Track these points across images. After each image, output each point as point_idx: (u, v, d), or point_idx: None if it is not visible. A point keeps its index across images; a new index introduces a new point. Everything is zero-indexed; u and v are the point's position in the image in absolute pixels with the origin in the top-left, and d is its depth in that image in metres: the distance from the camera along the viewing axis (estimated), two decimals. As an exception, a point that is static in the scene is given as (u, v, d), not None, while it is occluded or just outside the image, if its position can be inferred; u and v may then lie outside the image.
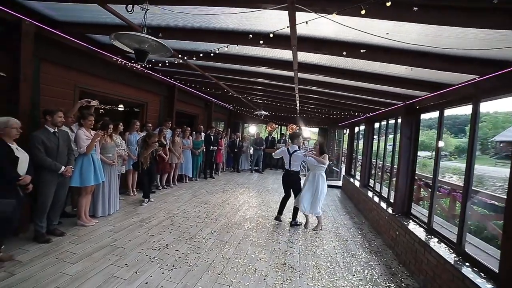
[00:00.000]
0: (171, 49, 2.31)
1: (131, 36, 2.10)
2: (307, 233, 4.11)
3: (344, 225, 4.70)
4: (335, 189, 7.93)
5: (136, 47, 2.19)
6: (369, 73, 3.40)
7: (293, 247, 3.54)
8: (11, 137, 2.58)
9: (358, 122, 6.91)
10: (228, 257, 3.10)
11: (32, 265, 2.59)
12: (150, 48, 2.25)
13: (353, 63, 3.11)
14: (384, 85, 3.58)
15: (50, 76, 3.54)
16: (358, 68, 3.32)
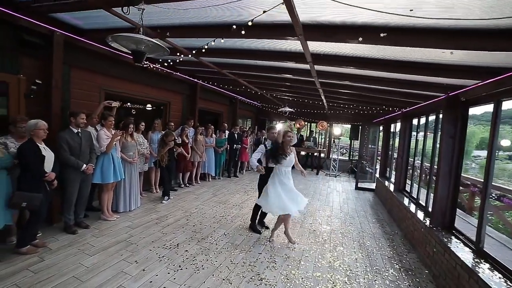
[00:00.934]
0: (167, 49, 2.32)
1: (128, 37, 2.15)
2: (326, 241, 3.82)
3: (372, 234, 4.26)
4: (368, 193, 7.29)
5: (133, 48, 2.23)
6: (402, 61, 2.96)
7: (308, 256, 3.32)
8: (39, 138, 2.90)
9: (394, 118, 6.19)
10: (237, 262, 3.04)
11: (58, 253, 2.91)
12: (147, 48, 2.28)
13: (382, 51, 2.72)
14: (421, 74, 3.08)
15: (78, 81, 3.92)
16: (389, 57, 2.90)
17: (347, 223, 4.66)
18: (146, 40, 2.17)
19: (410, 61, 2.90)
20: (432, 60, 2.72)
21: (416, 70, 3.04)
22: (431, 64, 2.88)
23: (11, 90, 3.16)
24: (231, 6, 2.15)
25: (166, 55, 2.41)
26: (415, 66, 2.98)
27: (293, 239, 3.65)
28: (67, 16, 3.30)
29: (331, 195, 6.62)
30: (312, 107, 8.15)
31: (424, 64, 2.89)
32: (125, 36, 2.14)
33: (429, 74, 3.03)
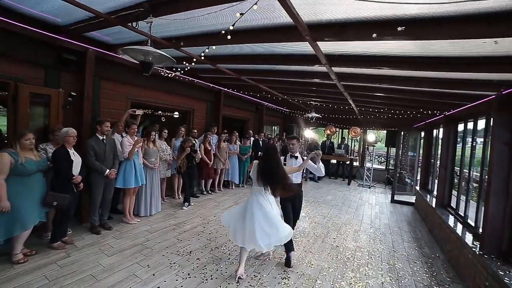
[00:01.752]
0: (173, 59, 2.45)
1: (136, 49, 2.31)
2: (349, 259, 3.51)
3: (406, 255, 3.79)
4: (406, 207, 6.57)
5: (141, 59, 2.39)
6: (434, 57, 2.64)
7: (326, 275, 3.08)
8: (69, 144, 3.26)
9: (437, 122, 5.52)
10: (247, 274, 2.97)
11: (82, 251, 3.20)
12: (154, 59, 2.42)
13: (412, 47, 2.47)
14: (463, 71, 2.70)
15: (107, 91, 4.36)
16: (418, 53, 2.61)
17: (376, 240, 4.23)
18: (153, 51, 2.32)
19: (445, 56, 2.56)
20: (473, 53, 2.36)
21: (455, 67, 2.67)
22: (474, 58, 2.50)
23: (53, 102, 3.64)
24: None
25: (173, 64, 2.52)
26: (453, 63, 2.62)
27: (240, 273, 2.85)
28: (97, 34, 3.70)
29: (362, 208, 6.13)
30: (342, 112, 7.75)
31: (464, 59, 2.52)
32: (134, 48, 2.30)
33: (471, 70, 2.64)
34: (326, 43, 2.53)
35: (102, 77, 4.24)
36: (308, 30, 2.18)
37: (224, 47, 3.41)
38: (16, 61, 3.37)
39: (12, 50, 3.29)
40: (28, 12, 3.09)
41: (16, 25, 3.07)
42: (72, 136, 3.26)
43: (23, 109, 3.35)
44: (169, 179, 5.36)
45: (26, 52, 3.41)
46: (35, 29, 3.27)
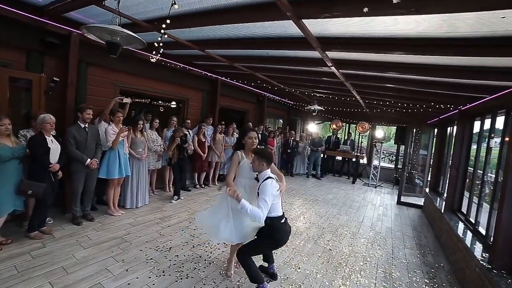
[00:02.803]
0: (144, 41, 2.29)
1: (101, 28, 2.16)
2: (340, 264, 3.31)
3: (405, 263, 3.55)
4: (413, 210, 6.24)
5: (108, 39, 2.24)
6: (447, 38, 2.32)
7: (312, 281, 2.92)
8: (47, 131, 3.21)
9: (451, 118, 5.11)
10: (226, 276, 2.84)
11: (59, 242, 3.18)
12: (122, 40, 2.27)
13: (414, 27, 2.18)
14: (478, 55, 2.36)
15: (95, 78, 4.28)
16: (435, 34, 2.29)
17: (375, 245, 4.00)
18: (119, 31, 2.16)
19: (465, 37, 2.21)
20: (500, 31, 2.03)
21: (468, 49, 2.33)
22: (502, 39, 2.15)
23: (34, 88, 3.59)
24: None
25: (143, 46, 2.37)
26: (476, 45, 2.26)
27: (230, 272, 2.85)
28: (81, 16, 3.59)
29: (364, 208, 5.86)
30: (348, 105, 7.40)
31: (492, 39, 2.16)
32: (99, 27, 2.16)
33: (496, 54, 2.28)
34: (315, 22, 2.29)
35: (89, 63, 4.15)
36: (290, 6, 1.95)
37: (209, 30, 3.22)
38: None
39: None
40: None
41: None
42: (49, 122, 3.21)
43: (1, 94, 3.31)
44: (160, 171, 5.30)
45: (7, 35, 3.34)
46: (15, 10, 3.20)
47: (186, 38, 3.58)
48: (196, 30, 3.28)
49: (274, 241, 2.45)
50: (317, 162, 8.45)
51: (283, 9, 1.95)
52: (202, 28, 3.19)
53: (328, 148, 8.90)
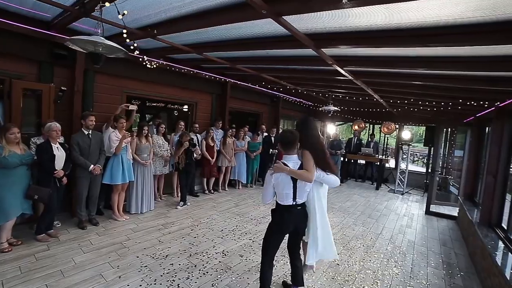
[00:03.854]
0: (125, 50, 2.38)
1: (84, 40, 2.27)
2: (347, 282, 3.09)
3: (424, 285, 3.22)
4: (445, 221, 5.65)
5: (92, 50, 2.34)
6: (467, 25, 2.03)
7: (307, 300, 2.74)
8: (53, 138, 3.46)
9: (488, 116, 4.52)
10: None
11: (62, 245, 3.40)
12: (105, 50, 2.36)
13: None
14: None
15: (102, 85, 4.54)
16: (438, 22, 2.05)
17: (391, 261, 3.67)
18: (101, 42, 2.25)
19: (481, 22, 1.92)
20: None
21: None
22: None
23: (44, 97, 3.90)
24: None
25: (125, 55, 2.46)
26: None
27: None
28: (85, 26, 3.84)
29: (385, 218, 5.44)
30: (370, 105, 6.96)
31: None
32: (82, 39, 2.27)
33: None
34: (300, 18, 2.16)
35: (96, 71, 4.41)
36: (264, 4, 1.86)
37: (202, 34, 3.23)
38: (13, 58, 3.67)
39: (6, 48, 3.58)
40: (19, 10, 3.32)
41: (8, 24, 3.32)
42: (55, 130, 3.45)
43: (16, 104, 3.64)
44: (168, 176, 5.45)
45: (20, 48, 3.68)
46: (26, 26, 3.51)
47: (182, 43, 3.64)
48: (191, 34, 3.31)
49: (273, 223, 2.43)
50: (336, 166, 8.04)
51: (257, 7, 1.87)
52: (197, 32, 3.22)
53: (349, 151, 8.50)
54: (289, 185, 2.28)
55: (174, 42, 3.56)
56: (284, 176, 2.27)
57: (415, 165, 12.38)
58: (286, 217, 2.36)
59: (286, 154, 2.36)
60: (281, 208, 2.36)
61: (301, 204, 2.41)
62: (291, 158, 2.35)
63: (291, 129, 2.43)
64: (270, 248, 2.45)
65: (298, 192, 2.31)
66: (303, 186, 2.32)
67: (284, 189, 2.29)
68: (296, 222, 2.41)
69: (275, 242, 2.45)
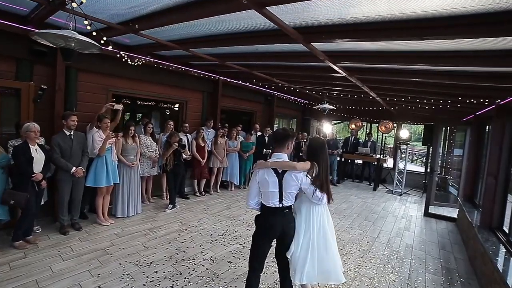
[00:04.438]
0: (99, 45, 2.24)
1: (53, 34, 2.13)
2: (337, 285, 2.97)
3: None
4: (444, 223, 5.56)
5: (62, 45, 2.21)
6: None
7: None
8: (31, 139, 3.32)
9: (488, 115, 4.42)
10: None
11: (41, 252, 3.26)
12: (77, 45, 2.23)
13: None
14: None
15: (85, 84, 4.40)
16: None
17: (388, 267, 3.56)
18: (72, 37, 2.12)
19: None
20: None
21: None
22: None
23: (23, 96, 3.75)
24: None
25: (99, 51, 2.33)
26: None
27: None
28: (64, 21, 3.68)
29: (382, 221, 5.33)
30: (366, 103, 6.84)
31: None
32: (52, 33, 2.13)
33: None
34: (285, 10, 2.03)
35: (79, 69, 4.27)
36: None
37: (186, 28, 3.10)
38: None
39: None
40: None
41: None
42: (34, 131, 3.30)
43: (-9, 104, 3.50)
44: (157, 178, 5.31)
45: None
46: (1, 20, 3.36)
47: (167, 39, 3.51)
48: (176, 29, 3.18)
49: (257, 228, 2.30)
50: (333, 167, 7.98)
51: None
52: (183, 27, 3.07)
53: (346, 151, 8.42)
54: (274, 183, 2.15)
55: (159, 38, 3.43)
56: (269, 173, 2.17)
57: (414, 164, 12.29)
58: (271, 220, 2.20)
59: (276, 151, 2.27)
60: (267, 210, 2.24)
61: (288, 207, 2.25)
62: (280, 156, 2.24)
63: (286, 127, 2.38)
64: (255, 259, 2.27)
65: (285, 192, 2.17)
66: (289, 185, 2.16)
67: (269, 187, 2.16)
68: (284, 226, 2.22)
69: (261, 251, 2.26)
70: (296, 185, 2.16)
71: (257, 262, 2.27)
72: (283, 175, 2.16)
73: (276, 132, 2.39)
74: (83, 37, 2.14)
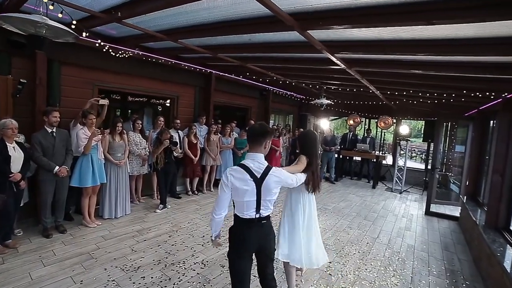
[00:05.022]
0: (74, 33, 2.05)
1: (22, 19, 1.95)
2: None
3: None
4: (446, 222, 5.46)
5: (32, 32, 2.03)
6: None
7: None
8: (8, 137, 3.14)
9: (494, 109, 4.29)
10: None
11: (20, 257, 3.11)
12: (49, 32, 2.05)
13: None
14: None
15: (69, 78, 4.21)
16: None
17: (389, 270, 3.44)
18: (45, 23, 1.94)
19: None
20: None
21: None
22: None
23: (0, 91, 3.55)
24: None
25: (75, 40, 2.14)
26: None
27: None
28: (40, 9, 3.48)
29: (382, 220, 5.22)
30: (365, 97, 6.69)
31: None
32: (20, 18, 1.95)
33: None
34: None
35: (62, 62, 4.07)
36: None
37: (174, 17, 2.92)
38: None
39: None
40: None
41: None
42: (11, 128, 3.13)
43: (-34, 99, 3.30)
44: (147, 177, 5.15)
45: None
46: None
47: (155, 29, 3.33)
48: (163, 17, 3.00)
49: (232, 246, 1.96)
50: (330, 164, 7.86)
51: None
52: (170, 14, 2.89)
53: (344, 147, 8.29)
54: (251, 191, 1.81)
55: (146, 28, 3.24)
56: (245, 178, 1.80)
57: (413, 161, 12.22)
58: (246, 234, 1.88)
59: (252, 151, 1.91)
60: (241, 222, 1.89)
61: (266, 217, 1.93)
62: (256, 156, 1.87)
63: (263, 122, 2.05)
64: (237, 282, 1.94)
65: (263, 201, 1.85)
66: (269, 192, 1.86)
67: (245, 196, 1.81)
68: (261, 240, 1.94)
69: (241, 271, 1.93)
70: (278, 187, 1.91)
71: (239, 285, 1.95)
72: (262, 180, 1.82)
73: (252, 128, 1.98)
74: (54, 23, 1.97)
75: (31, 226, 3.80)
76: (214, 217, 1.92)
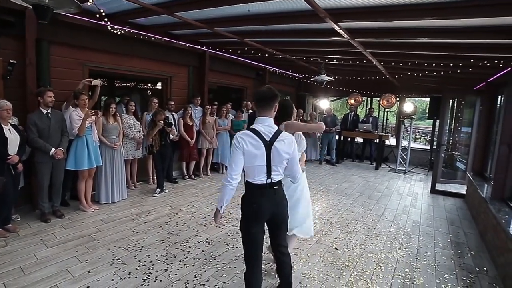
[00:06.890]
0: (78, 3, 2.18)
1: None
2: (347, 267, 3.11)
3: (432, 267, 3.26)
4: (452, 199, 5.79)
5: (35, 2, 2.16)
6: None
7: (308, 285, 2.77)
8: (3, 119, 3.28)
9: (502, 81, 4.52)
10: (201, 279, 2.80)
11: (22, 240, 3.32)
12: (52, 2, 2.18)
13: None
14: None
15: (59, 58, 4.32)
16: None
17: (395, 243, 3.73)
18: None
19: None
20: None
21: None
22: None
23: (-12, 72, 3.65)
24: None
25: (78, 9, 2.28)
26: None
27: None
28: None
29: (386, 199, 5.54)
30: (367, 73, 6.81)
31: None
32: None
33: None
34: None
35: (51, 41, 4.16)
36: None
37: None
38: None
39: None
40: None
41: None
42: (6, 109, 3.27)
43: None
44: (142, 161, 5.33)
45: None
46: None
47: (152, 2, 3.42)
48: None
49: (244, 214, 2.07)
50: (331, 146, 8.12)
51: None
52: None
53: (345, 128, 8.49)
54: (261, 156, 1.91)
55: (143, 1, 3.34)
56: (257, 143, 1.90)
57: (418, 143, 12.55)
58: (259, 200, 1.98)
59: (262, 115, 1.98)
60: (252, 188, 2.00)
61: (278, 182, 2.04)
62: (266, 120, 1.97)
63: (270, 86, 2.13)
64: (250, 252, 2.06)
65: (274, 165, 1.95)
66: (279, 158, 1.95)
67: (256, 161, 1.92)
68: (273, 206, 2.03)
69: (254, 240, 2.04)
70: (288, 157, 1.99)
71: (254, 255, 2.06)
72: (271, 145, 1.92)
73: (261, 92, 2.02)
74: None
75: (28, 211, 3.99)
76: (228, 183, 1.93)
